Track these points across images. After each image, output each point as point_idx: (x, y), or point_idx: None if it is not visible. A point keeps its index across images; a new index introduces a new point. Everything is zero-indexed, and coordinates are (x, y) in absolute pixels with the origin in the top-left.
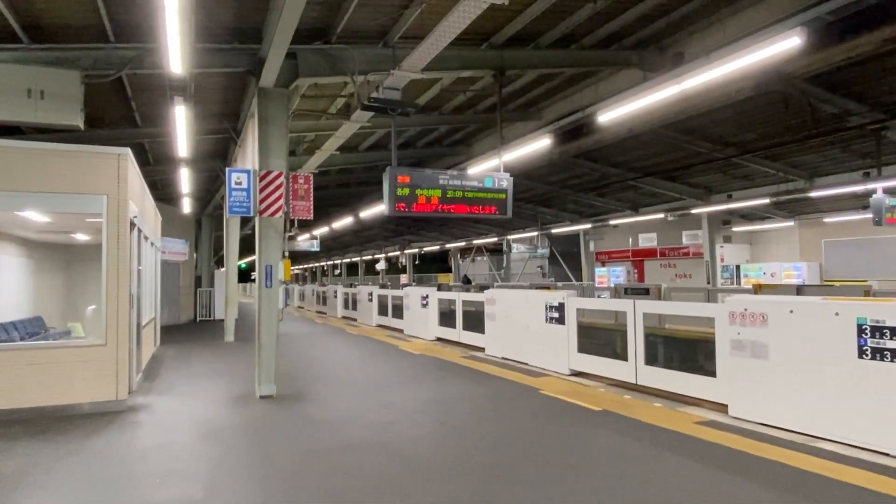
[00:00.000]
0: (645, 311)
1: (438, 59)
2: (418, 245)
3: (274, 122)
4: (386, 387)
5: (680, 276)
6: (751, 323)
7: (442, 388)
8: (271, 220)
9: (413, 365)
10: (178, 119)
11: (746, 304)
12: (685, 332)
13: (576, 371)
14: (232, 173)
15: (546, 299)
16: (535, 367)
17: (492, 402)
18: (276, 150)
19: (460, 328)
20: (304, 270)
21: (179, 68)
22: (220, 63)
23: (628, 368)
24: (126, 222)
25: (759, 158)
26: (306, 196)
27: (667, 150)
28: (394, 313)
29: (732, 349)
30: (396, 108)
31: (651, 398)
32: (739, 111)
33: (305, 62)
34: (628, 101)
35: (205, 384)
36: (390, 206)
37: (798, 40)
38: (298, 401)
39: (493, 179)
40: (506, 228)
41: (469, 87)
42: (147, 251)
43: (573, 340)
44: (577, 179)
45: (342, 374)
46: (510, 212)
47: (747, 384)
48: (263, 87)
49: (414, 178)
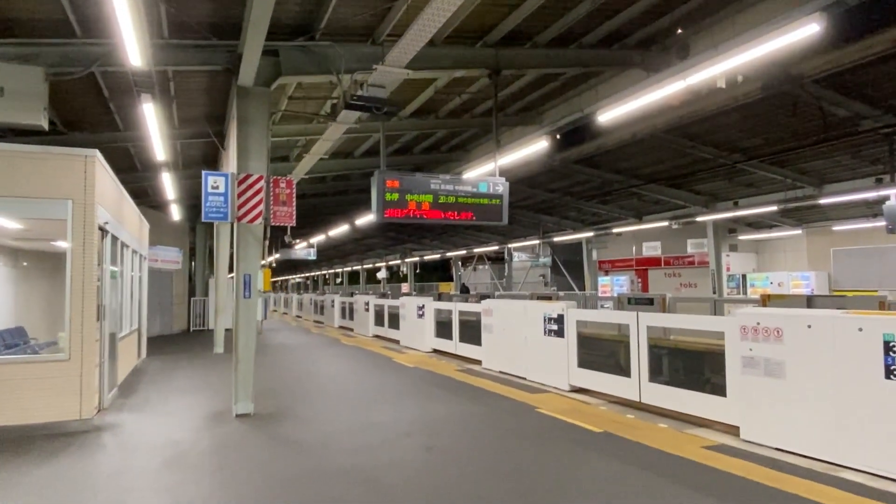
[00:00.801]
0: (649, 325)
1: (430, 57)
2: (419, 254)
3: (254, 123)
4: (374, 404)
5: (685, 286)
6: (764, 338)
7: (433, 406)
8: (250, 227)
9: (405, 379)
10: (149, 118)
11: (759, 318)
12: (692, 344)
13: (576, 387)
14: (208, 176)
15: (545, 311)
16: (533, 382)
17: (484, 423)
18: (256, 153)
19: (457, 340)
20: (306, 279)
21: (139, 61)
22: (196, 60)
23: (631, 385)
24: (93, 228)
25: (766, 164)
26: (288, 201)
27: (671, 156)
28: (390, 323)
29: (744, 366)
30: (382, 107)
31: (656, 418)
32: (746, 115)
33: (288, 60)
34: (631, 98)
35: (182, 400)
36: (379, 212)
37: (817, 27)
38: (278, 420)
39: (487, 184)
40: (507, 237)
41: (465, 89)
42: (128, 259)
43: (573, 355)
44: (579, 187)
45: (330, 389)
46: (506, 218)
47: (761, 405)
48: (242, 85)
49: (404, 182)
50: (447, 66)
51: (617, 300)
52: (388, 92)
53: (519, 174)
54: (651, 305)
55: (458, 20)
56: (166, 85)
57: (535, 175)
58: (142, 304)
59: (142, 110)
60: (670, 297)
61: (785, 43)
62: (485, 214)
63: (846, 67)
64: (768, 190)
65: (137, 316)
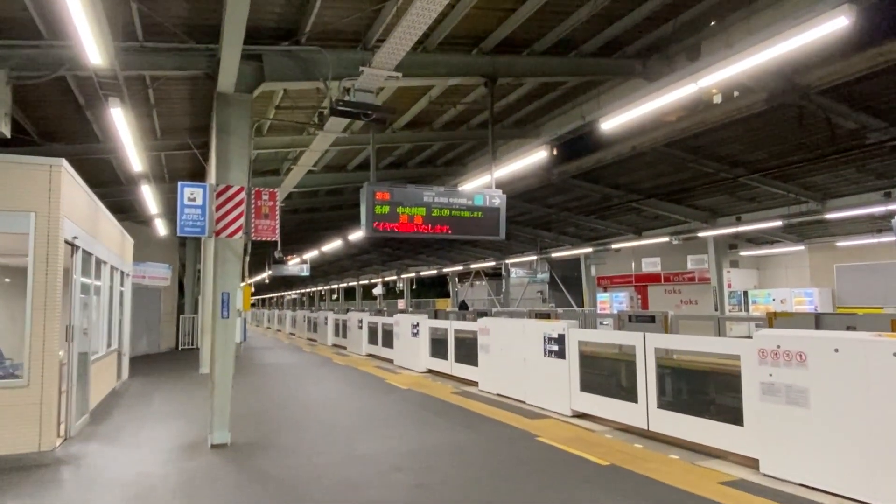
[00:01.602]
0: (657, 346)
1: (423, 64)
2: (415, 269)
3: (235, 132)
4: (363, 432)
5: (685, 303)
6: (786, 363)
7: (425, 435)
8: (229, 242)
9: (397, 403)
10: (120, 125)
11: (779, 340)
12: (702, 364)
13: (578, 412)
14: (184, 188)
15: (544, 330)
16: (533, 406)
17: (481, 454)
18: (237, 163)
19: (452, 360)
20: (302, 295)
21: (99, 59)
22: (173, 64)
23: (639, 412)
24: (58, 244)
25: (768, 179)
26: (271, 214)
27: (671, 170)
28: (384, 342)
29: (763, 393)
30: (371, 114)
31: (666, 448)
32: (749, 128)
33: (272, 65)
34: (638, 103)
35: (157, 428)
36: (368, 225)
37: (846, 21)
38: (256, 451)
39: (483, 197)
40: (504, 252)
41: (460, 99)
42: (105, 276)
43: (575, 377)
44: (578, 202)
45: (317, 414)
46: (503, 232)
47: (783, 436)
48: (222, 91)
49: (395, 195)
50: (441, 74)
51: (617, 318)
52: (377, 98)
53: (517, 189)
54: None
55: (451, 25)
56: (145, 92)
57: (532, 190)
58: (123, 323)
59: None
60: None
61: (808, 40)
62: (481, 229)
63: (854, 77)
64: (770, 205)
65: (117, 335)
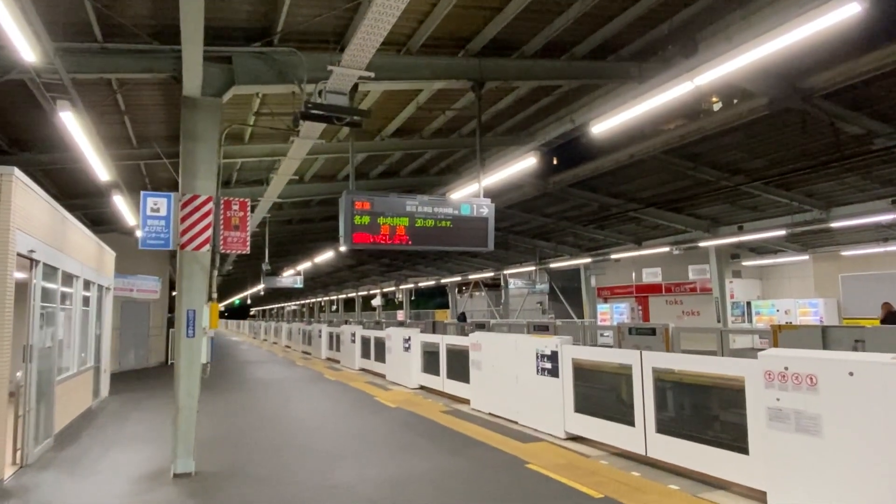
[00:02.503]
0: (655, 366)
1: (406, 67)
2: (414, 280)
3: (202, 139)
4: (341, 458)
5: (687, 314)
6: (795, 386)
7: (408, 462)
8: (196, 255)
9: (384, 424)
10: (72, 129)
11: (787, 362)
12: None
13: (572, 435)
14: (147, 197)
15: (537, 346)
16: (525, 427)
17: (465, 485)
18: (205, 171)
19: (444, 376)
20: (301, 307)
21: (32, 56)
22: (137, 67)
23: (636, 436)
24: (7, 258)
25: (771, 187)
26: (241, 225)
27: (670, 178)
28: (377, 356)
29: (771, 419)
30: (344, 117)
31: (665, 476)
32: (750, 134)
33: (243, 67)
34: (630, 105)
35: (123, 453)
36: (346, 237)
37: (858, 7)
38: (221, 481)
39: (471, 206)
40: (503, 263)
41: (449, 105)
42: (77, 291)
43: (569, 397)
44: (576, 211)
45: (296, 437)
46: (491, 243)
47: (793, 467)
48: (188, 95)
49: (376, 204)
50: (425, 77)
51: (617, 330)
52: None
53: (513, 198)
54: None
55: (434, 25)
56: (113, 97)
57: (529, 199)
58: (102, 339)
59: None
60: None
61: (816, 30)
62: (468, 239)
63: (860, 80)
64: (773, 214)
65: (93, 352)
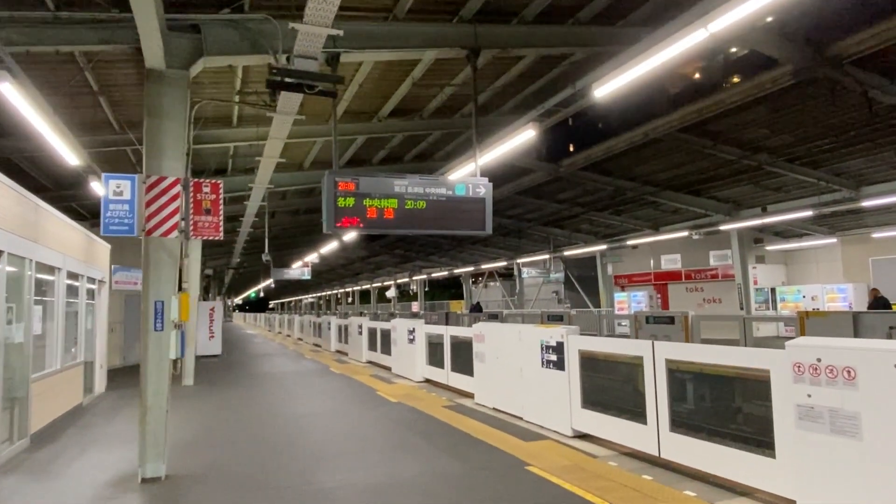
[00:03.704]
0: (668, 357)
1: (394, 35)
2: (427, 271)
3: (169, 115)
4: (330, 459)
5: (709, 301)
6: (829, 381)
7: (401, 464)
8: (163, 242)
9: (381, 421)
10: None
11: (820, 352)
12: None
13: (580, 433)
14: (109, 179)
15: (541, 337)
16: (530, 423)
17: (455, 492)
18: (172, 150)
19: (448, 369)
20: (318, 299)
21: None
22: (93, 38)
23: (648, 435)
24: None
25: (796, 166)
26: (214, 209)
27: (688, 158)
28: (383, 348)
29: (800, 418)
30: (315, 85)
31: (680, 479)
32: (773, 108)
33: (213, 36)
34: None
35: (99, 455)
36: (329, 221)
37: None
38: (192, 486)
39: (466, 186)
40: (517, 252)
41: (447, 81)
42: (59, 284)
43: (576, 391)
44: (590, 196)
45: (286, 435)
46: (489, 226)
47: (826, 474)
48: (152, 68)
49: (361, 185)
50: (415, 45)
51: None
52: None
53: (524, 184)
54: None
55: None
56: (82, 75)
57: (541, 185)
58: (97, 334)
59: (76, 114)
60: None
61: None
62: (463, 223)
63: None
64: (799, 195)
65: (84, 346)
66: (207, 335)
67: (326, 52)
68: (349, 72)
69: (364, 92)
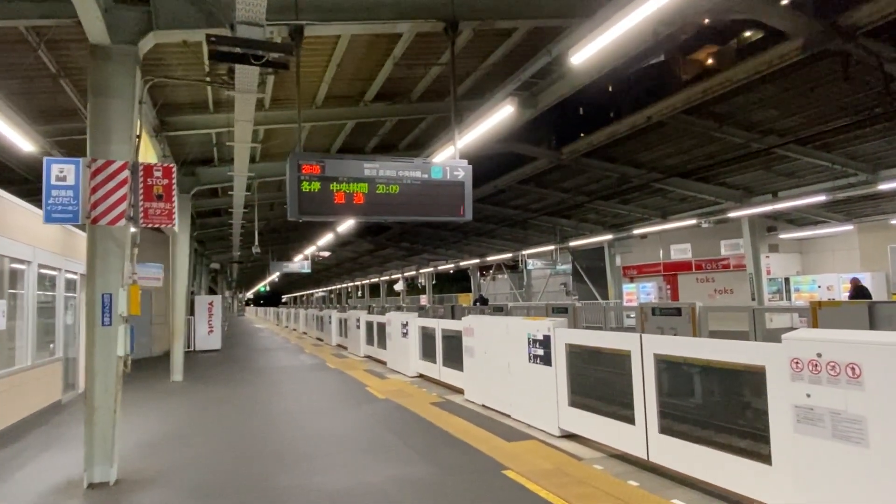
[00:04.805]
0: (657, 352)
1: (362, 6)
2: (434, 264)
3: (117, 94)
4: (294, 463)
5: (720, 292)
6: (830, 379)
7: (368, 467)
8: (111, 230)
9: (363, 419)
10: None
11: (820, 346)
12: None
13: (567, 432)
14: (51, 164)
15: (528, 330)
16: (518, 421)
17: (419, 500)
18: (120, 133)
19: (440, 364)
20: (329, 293)
21: None
22: (34, 12)
23: (636, 437)
24: None
25: (808, 149)
26: (166, 195)
27: (695, 143)
28: (379, 343)
29: (799, 421)
30: (262, 56)
31: (670, 486)
32: (783, 87)
33: (164, 8)
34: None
35: (55, 456)
36: (293, 207)
37: None
38: (141, 493)
39: (443, 169)
40: (523, 243)
41: (432, 61)
42: (29, 278)
43: (563, 388)
44: (595, 184)
45: (260, 435)
46: (469, 212)
47: (827, 482)
48: (97, 43)
49: (328, 168)
50: (387, 17)
51: (639, 311)
52: (264, 31)
53: (525, 172)
54: (679, 316)
55: None
56: (36, 54)
57: (543, 173)
58: (77, 329)
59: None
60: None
61: None
62: (440, 208)
63: None
64: (812, 180)
65: (62, 343)
66: (206, 330)
67: (287, 23)
68: (325, 50)
69: (346, 73)
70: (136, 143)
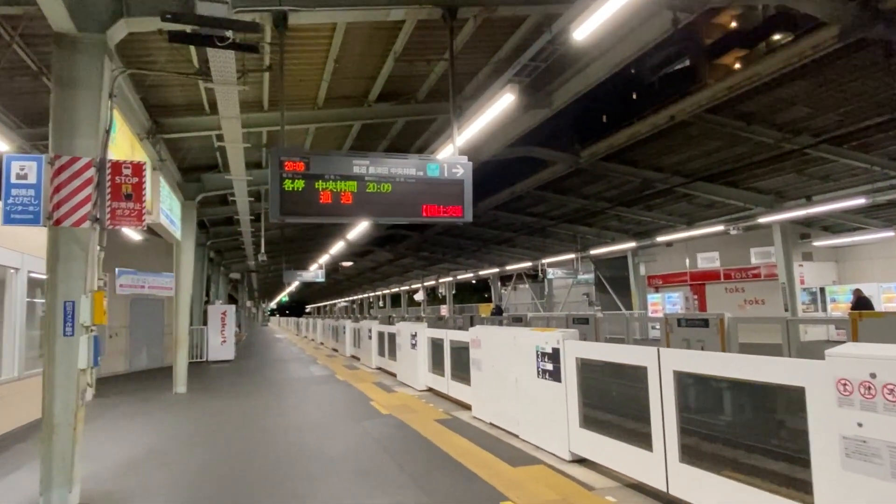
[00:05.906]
0: (676, 369)
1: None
2: (454, 273)
3: (83, 86)
4: (273, 489)
5: (750, 303)
6: (888, 405)
7: (353, 496)
8: (74, 233)
9: (358, 438)
10: None
11: (875, 365)
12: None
13: (578, 457)
14: (11, 161)
15: (536, 342)
16: (526, 442)
17: None
18: (86, 127)
19: (448, 377)
20: (351, 303)
21: None
22: None
23: (654, 465)
24: None
25: (844, 149)
26: (136, 195)
27: (722, 144)
28: (390, 354)
29: (848, 455)
30: (226, 36)
31: None
32: (817, 82)
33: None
34: None
35: (22, 476)
36: (274, 206)
37: None
38: None
39: (440, 167)
40: (543, 252)
41: (435, 57)
42: (21, 285)
43: (574, 407)
44: (616, 190)
45: (247, 454)
46: (469, 213)
47: None
48: (61, 31)
49: (313, 164)
50: (379, 3)
51: (664, 322)
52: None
53: (543, 178)
54: (706, 328)
55: None
56: (11, 51)
57: (562, 178)
58: None
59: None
60: (730, 318)
61: None
62: (437, 209)
63: None
64: (849, 184)
65: None
66: (220, 340)
67: (269, 9)
68: (320, 46)
69: (346, 71)
70: (104, 139)
